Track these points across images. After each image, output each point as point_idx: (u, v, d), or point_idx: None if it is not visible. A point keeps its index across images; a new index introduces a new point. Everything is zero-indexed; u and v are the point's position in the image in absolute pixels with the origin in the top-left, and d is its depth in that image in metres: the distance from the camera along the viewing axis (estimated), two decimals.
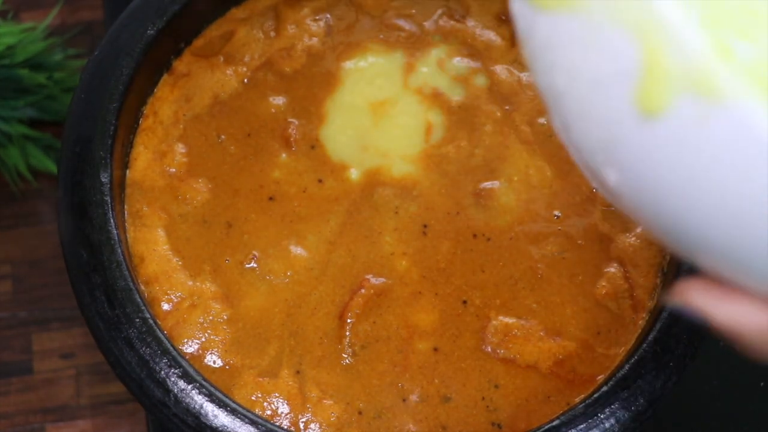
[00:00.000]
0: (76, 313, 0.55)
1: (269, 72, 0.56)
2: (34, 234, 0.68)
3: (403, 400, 0.49)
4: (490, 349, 0.50)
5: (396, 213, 0.53)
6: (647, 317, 0.51)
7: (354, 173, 0.54)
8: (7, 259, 0.67)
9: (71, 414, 0.64)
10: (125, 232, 0.51)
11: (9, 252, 0.68)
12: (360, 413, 0.49)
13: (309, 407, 0.49)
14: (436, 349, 0.50)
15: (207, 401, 0.46)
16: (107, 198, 0.49)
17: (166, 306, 0.50)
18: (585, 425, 0.46)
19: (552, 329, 0.51)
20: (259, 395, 0.49)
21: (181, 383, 0.46)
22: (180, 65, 0.56)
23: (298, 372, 0.49)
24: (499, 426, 0.49)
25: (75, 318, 0.65)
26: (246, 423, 0.45)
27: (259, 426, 0.46)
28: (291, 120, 0.55)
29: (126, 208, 0.52)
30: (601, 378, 0.49)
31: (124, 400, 0.64)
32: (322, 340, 0.50)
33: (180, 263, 0.51)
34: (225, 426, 0.45)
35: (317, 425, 0.48)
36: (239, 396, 0.48)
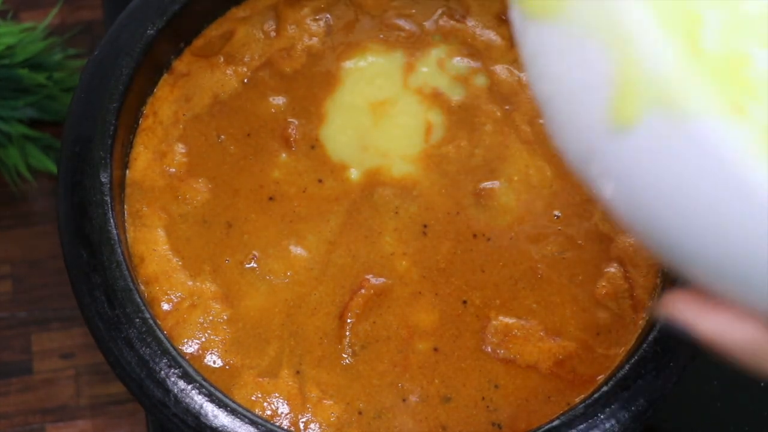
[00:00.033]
0: (75, 313, 0.55)
1: (269, 72, 0.56)
2: (34, 234, 0.68)
3: (403, 400, 0.49)
4: (490, 350, 0.50)
5: (396, 213, 0.53)
6: (647, 317, 0.51)
7: (354, 173, 0.54)
8: (7, 259, 0.67)
9: (71, 414, 0.63)
10: (125, 232, 0.51)
11: (9, 252, 0.67)
12: (360, 413, 0.49)
13: (309, 407, 0.49)
14: (436, 349, 0.50)
15: (207, 401, 0.46)
16: (107, 198, 0.49)
17: (166, 306, 0.50)
18: (585, 425, 0.46)
19: (552, 329, 0.51)
20: (259, 395, 0.49)
21: (181, 383, 0.46)
22: (180, 65, 0.56)
23: (298, 372, 0.49)
24: (499, 426, 0.49)
25: (75, 318, 0.65)
26: (246, 423, 0.45)
27: (259, 426, 0.46)
28: (291, 120, 0.55)
29: (126, 208, 0.52)
30: (601, 378, 0.49)
31: (124, 400, 0.64)
32: (322, 340, 0.50)
33: (180, 263, 0.51)
34: (225, 426, 0.45)
35: (317, 425, 0.48)
36: (239, 396, 0.48)
